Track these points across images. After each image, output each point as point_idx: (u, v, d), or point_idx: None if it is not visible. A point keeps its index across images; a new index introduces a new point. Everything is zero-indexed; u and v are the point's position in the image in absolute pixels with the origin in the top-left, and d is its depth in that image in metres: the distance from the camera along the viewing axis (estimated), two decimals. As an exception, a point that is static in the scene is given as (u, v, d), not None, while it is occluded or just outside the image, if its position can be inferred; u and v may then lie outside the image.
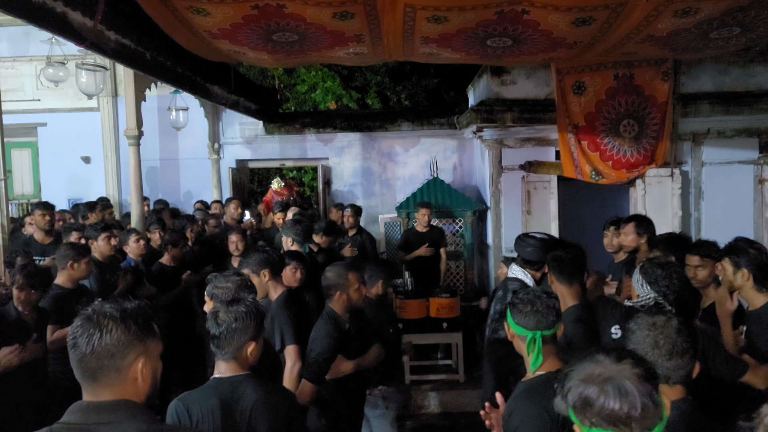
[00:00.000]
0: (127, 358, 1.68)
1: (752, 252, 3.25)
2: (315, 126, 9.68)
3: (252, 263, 3.68)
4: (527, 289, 2.60)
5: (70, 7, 3.65)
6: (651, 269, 3.08)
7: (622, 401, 1.53)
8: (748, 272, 3.21)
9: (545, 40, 4.76)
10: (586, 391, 1.58)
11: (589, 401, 1.57)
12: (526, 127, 7.19)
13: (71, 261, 4.37)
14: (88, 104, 8.99)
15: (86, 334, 1.66)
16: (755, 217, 7.12)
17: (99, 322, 1.68)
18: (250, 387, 2.39)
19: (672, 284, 3.02)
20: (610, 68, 6.76)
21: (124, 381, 1.68)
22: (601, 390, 1.56)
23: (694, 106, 6.95)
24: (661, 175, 7.00)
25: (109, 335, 1.66)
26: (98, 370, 1.66)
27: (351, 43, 4.85)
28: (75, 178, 9.67)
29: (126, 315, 1.71)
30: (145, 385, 1.73)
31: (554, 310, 2.48)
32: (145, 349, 1.72)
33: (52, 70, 6.99)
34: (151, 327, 1.77)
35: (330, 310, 3.50)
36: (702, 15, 4.17)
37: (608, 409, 1.54)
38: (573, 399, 1.61)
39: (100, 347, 1.65)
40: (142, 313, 1.76)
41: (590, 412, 1.57)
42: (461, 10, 4.04)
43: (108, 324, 1.67)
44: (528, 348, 2.45)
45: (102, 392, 1.67)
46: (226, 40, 4.75)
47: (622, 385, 1.55)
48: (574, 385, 1.62)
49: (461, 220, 7.91)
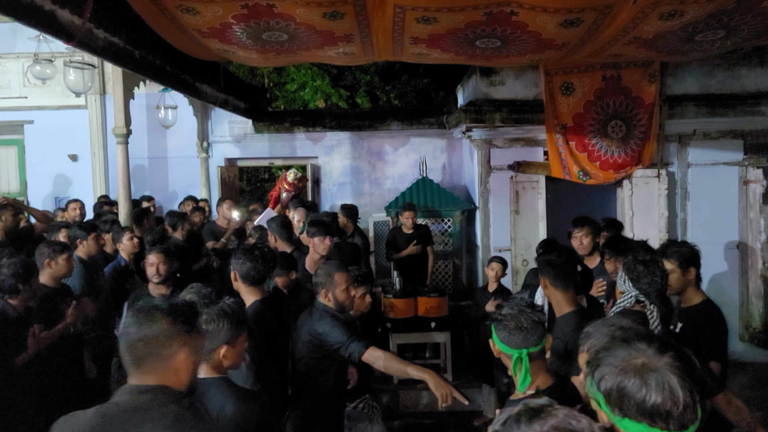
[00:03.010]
0: (171, 348, 1.86)
1: (691, 250, 3.32)
2: (304, 125, 9.68)
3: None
4: (510, 303, 2.44)
5: (58, 5, 3.63)
6: (634, 266, 3.07)
7: (665, 396, 1.44)
8: (695, 269, 3.29)
9: (534, 42, 4.80)
10: (625, 381, 1.48)
11: (628, 392, 1.47)
12: (514, 128, 7.23)
13: (47, 259, 4.30)
14: (75, 102, 8.92)
15: (137, 324, 1.85)
16: (740, 217, 7.21)
17: (149, 314, 1.87)
18: (220, 391, 2.35)
19: (654, 282, 3.00)
20: (599, 69, 6.82)
21: (167, 369, 1.85)
22: (644, 382, 1.46)
23: (681, 107, 7.03)
24: (647, 175, 7.07)
25: (159, 326, 1.85)
26: (144, 357, 1.84)
27: (341, 43, 4.86)
28: (62, 176, 9.60)
29: (173, 310, 1.91)
30: (186, 374, 1.89)
31: (540, 325, 2.35)
32: (187, 342, 1.89)
33: (39, 67, 6.94)
34: (195, 323, 1.95)
35: (321, 304, 3.46)
36: (687, 18, 4.22)
37: (649, 403, 1.45)
38: (607, 387, 1.51)
39: (147, 336, 1.84)
40: (188, 309, 1.96)
41: (628, 403, 1.47)
42: (450, 11, 4.07)
43: (156, 316, 1.86)
44: (515, 368, 2.32)
45: (146, 378, 1.84)
46: (215, 38, 4.75)
47: (667, 380, 1.46)
48: (609, 372, 1.52)
49: (450, 219, 7.94)
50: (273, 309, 3.67)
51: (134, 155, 7.58)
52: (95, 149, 9.46)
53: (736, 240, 7.22)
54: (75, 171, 9.57)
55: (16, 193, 9.81)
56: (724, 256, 7.23)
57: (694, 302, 3.31)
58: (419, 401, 6.12)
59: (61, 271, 4.38)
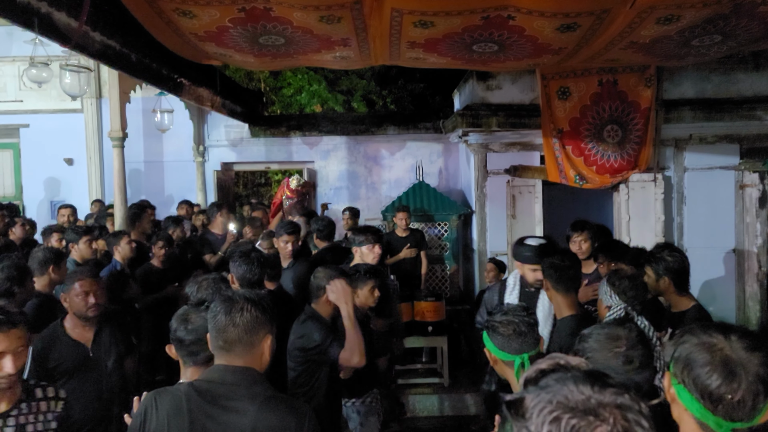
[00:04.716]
0: (259, 334, 2.02)
1: (669, 259, 3.35)
2: (301, 129, 9.68)
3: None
4: (503, 309, 2.42)
5: (55, 8, 3.63)
6: (618, 281, 3.06)
7: (724, 380, 1.42)
8: (669, 279, 3.32)
9: (530, 46, 4.80)
10: (696, 354, 1.48)
11: (693, 362, 1.47)
12: (511, 132, 7.24)
13: (52, 265, 4.18)
14: (71, 105, 8.91)
15: (230, 311, 2.00)
16: (736, 222, 7.22)
17: (240, 302, 2.02)
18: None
19: (638, 294, 3.01)
20: (595, 74, 6.83)
21: (253, 354, 2.01)
22: (712, 361, 1.45)
23: (677, 112, 7.04)
24: (644, 180, 7.08)
25: (249, 314, 2.00)
26: (236, 342, 1.99)
27: (338, 47, 4.85)
28: (57, 180, 9.57)
29: (260, 299, 2.07)
30: (267, 359, 2.06)
31: (536, 327, 2.35)
32: (271, 330, 2.06)
33: (35, 70, 6.91)
34: (274, 313, 2.09)
35: (311, 309, 3.43)
36: (684, 23, 4.23)
37: (706, 380, 1.44)
38: (681, 354, 1.52)
39: (241, 322, 1.99)
40: (269, 301, 2.12)
41: (689, 373, 1.47)
42: (448, 15, 4.06)
43: (247, 305, 2.02)
44: (518, 374, 2.24)
45: (235, 360, 2.00)
46: (212, 42, 4.74)
47: (738, 370, 1.42)
48: (689, 342, 1.52)
49: (446, 223, 7.94)
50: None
51: (130, 159, 7.57)
52: (91, 153, 9.44)
53: (732, 244, 7.23)
54: (70, 175, 9.55)
55: (11, 196, 9.77)
56: (721, 260, 7.24)
57: (682, 308, 3.33)
58: (417, 405, 6.10)
59: (62, 277, 4.24)
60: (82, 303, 3.35)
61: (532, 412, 1.06)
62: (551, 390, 1.09)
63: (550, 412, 1.04)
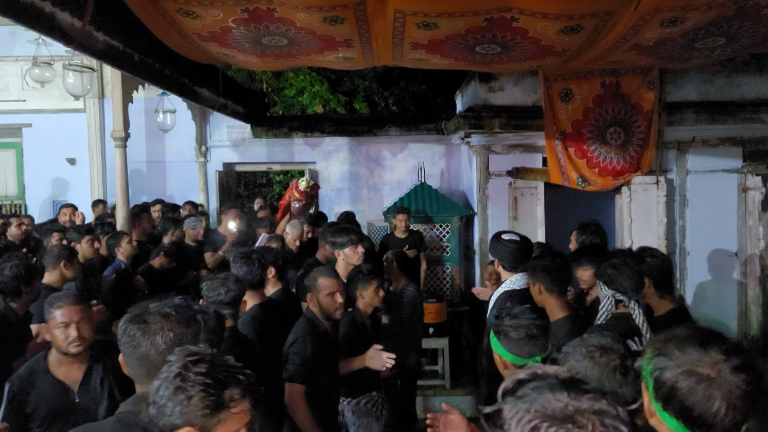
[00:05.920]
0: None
1: (650, 261, 3.33)
2: (303, 130, 9.68)
3: None
4: (512, 312, 2.39)
5: (58, 8, 3.62)
6: (601, 272, 3.07)
7: (714, 408, 1.39)
8: (649, 281, 3.27)
9: (533, 48, 4.80)
10: (683, 382, 1.42)
11: (680, 393, 1.42)
12: (513, 134, 7.23)
13: (65, 260, 4.28)
14: (74, 105, 8.93)
15: (144, 334, 1.84)
16: (739, 225, 7.20)
17: (154, 321, 1.86)
18: None
19: (626, 281, 2.97)
20: (598, 76, 6.82)
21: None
22: (705, 393, 1.40)
23: (680, 114, 7.03)
24: (646, 182, 7.07)
25: (168, 334, 1.84)
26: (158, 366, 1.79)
27: (340, 48, 4.85)
28: (60, 179, 9.59)
29: (177, 312, 1.91)
30: None
31: (546, 329, 2.33)
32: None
33: (38, 70, 6.94)
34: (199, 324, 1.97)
35: (308, 311, 3.49)
36: (688, 25, 4.22)
37: (697, 411, 1.40)
38: (663, 379, 1.46)
39: (160, 345, 1.82)
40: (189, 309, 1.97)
41: (674, 402, 1.42)
42: (451, 16, 4.06)
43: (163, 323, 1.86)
44: None
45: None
46: (215, 42, 4.74)
47: (724, 396, 1.39)
48: (670, 368, 1.45)
49: (448, 225, 7.93)
50: (271, 313, 3.65)
51: (132, 159, 7.57)
52: (93, 153, 9.45)
53: (734, 247, 7.22)
54: (73, 175, 9.57)
55: (14, 196, 9.79)
56: (723, 264, 7.23)
57: (662, 311, 3.32)
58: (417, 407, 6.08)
59: (74, 274, 4.36)
60: (62, 336, 2.73)
61: (510, 422, 1.07)
62: (528, 399, 1.09)
63: (528, 422, 1.05)
